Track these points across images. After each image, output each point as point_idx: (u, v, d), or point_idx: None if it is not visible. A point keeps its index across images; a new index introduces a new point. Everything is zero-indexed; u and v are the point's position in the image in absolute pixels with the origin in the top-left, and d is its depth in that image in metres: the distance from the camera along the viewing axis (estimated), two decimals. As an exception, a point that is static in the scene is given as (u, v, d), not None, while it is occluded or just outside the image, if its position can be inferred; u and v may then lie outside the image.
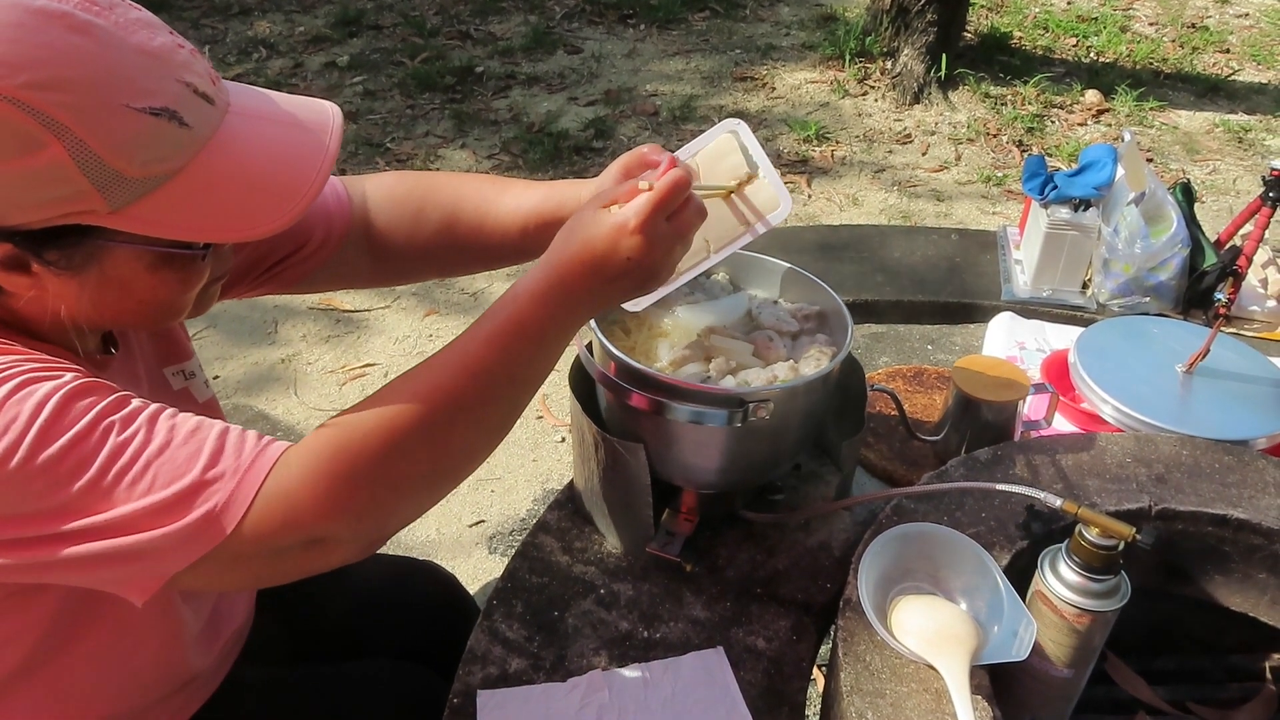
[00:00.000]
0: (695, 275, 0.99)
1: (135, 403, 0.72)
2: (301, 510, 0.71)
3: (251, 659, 1.10)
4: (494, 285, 3.15)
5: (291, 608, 1.20)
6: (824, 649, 1.06)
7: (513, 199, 1.05)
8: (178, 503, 0.68)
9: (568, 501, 1.20)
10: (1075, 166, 1.73)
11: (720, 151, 0.97)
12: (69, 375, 0.71)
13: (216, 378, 2.76)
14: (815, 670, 1.42)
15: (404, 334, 2.95)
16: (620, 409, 1.05)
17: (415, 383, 0.76)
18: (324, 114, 0.82)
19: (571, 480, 1.21)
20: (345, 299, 3.09)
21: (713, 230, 0.97)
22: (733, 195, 0.97)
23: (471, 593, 2.04)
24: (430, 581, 1.33)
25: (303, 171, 0.77)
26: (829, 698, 0.95)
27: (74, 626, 0.86)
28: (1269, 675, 1.04)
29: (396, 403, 0.75)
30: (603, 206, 0.80)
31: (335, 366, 2.82)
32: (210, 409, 1.01)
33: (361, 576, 1.22)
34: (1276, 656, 1.06)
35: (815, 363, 1.04)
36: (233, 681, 1.06)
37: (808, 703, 1.00)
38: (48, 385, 0.69)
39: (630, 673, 1.00)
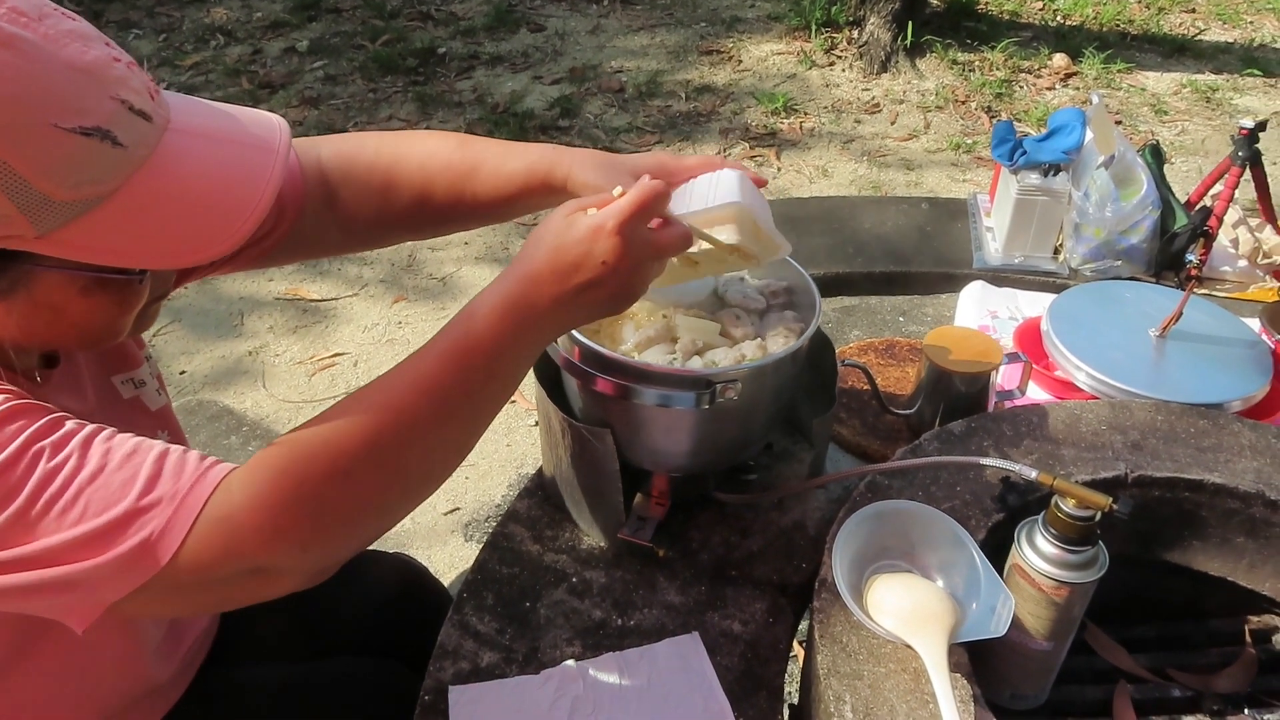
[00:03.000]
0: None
1: (69, 425, 0.68)
2: (242, 538, 0.67)
3: (216, 663, 1.07)
4: (462, 270, 3.10)
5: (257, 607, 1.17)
6: (804, 625, 1.05)
7: (490, 171, 0.97)
8: (110, 532, 0.64)
9: (537, 489, 1.18)
10: (1044, 131, 1.71)
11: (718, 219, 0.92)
12: None
13: (183, 373, 2.71)
14: (796, 645, 1.41)
15: (372, 321, 2.90)
16: (586, 394, 1.02)
17: (365, 401, 0.72)
18: (270, 130, 0.77)
19: (540, 468, 1.18)
20: (312, 288, 3.04)
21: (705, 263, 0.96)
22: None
23: (448, 582, 2.02)
24: (400, 574, 1.30)
25: (246, 193, 0.72)
26: (806, 680, 0.94)
27: (28, 640, 0.83)
28: (1248, 639, 1.04)
29: (344, 423, 0.70)
30: (574, 212, 0.76)
31: (304, 357, 2.78)
32: (163, 418, 0.97)
33: (329, 572, 1.20)
34: (1255, 620, 1.06)
35: (783, 340, 1.02)
36: (197, 688, 1.03)
37: (791, 678, 0.99)
38: None
39: (605, 662, 0.98)
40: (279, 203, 0.95)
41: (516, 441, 2.46)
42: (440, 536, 2.21)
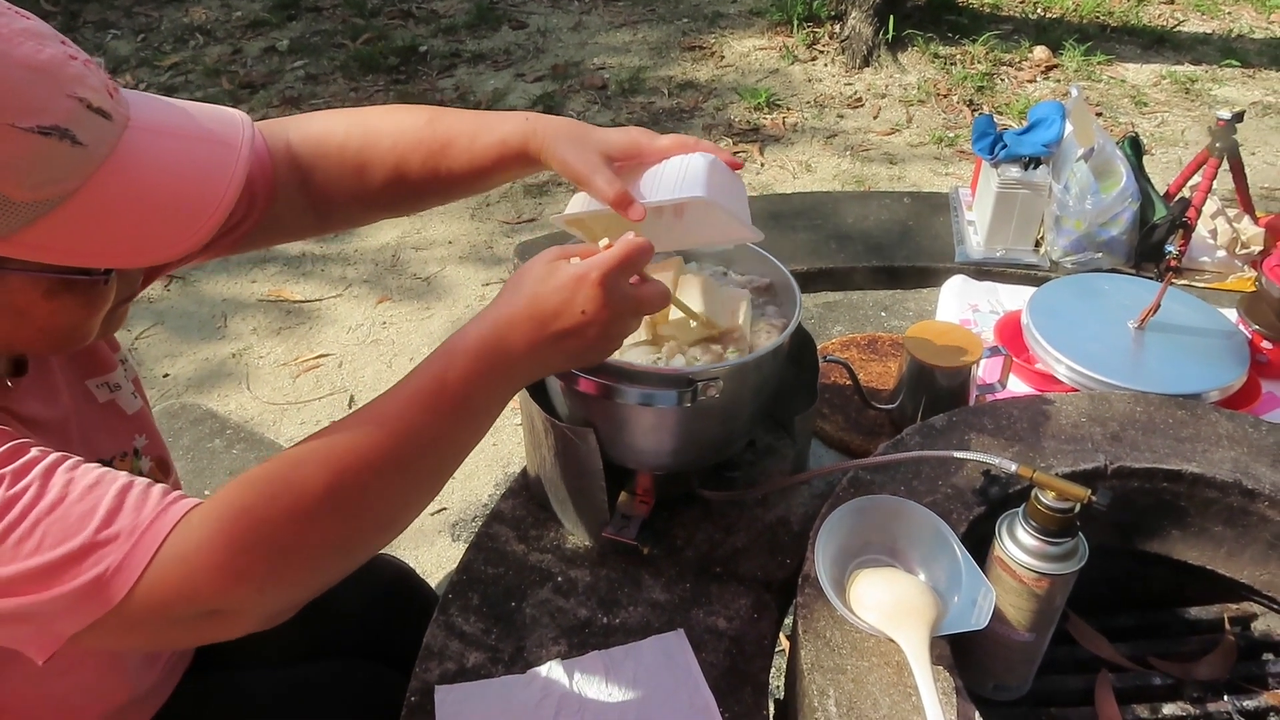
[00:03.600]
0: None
1: (32, 453, 0.67)
2: (198, 580, 0.65)
3: (202, 666, 1.07)
4: (446, 269, 3.10)
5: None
6: (789, 620, 1.05)
7: (464, 147, 0.95)
8: (66, 564, 0.63)
9: (522, 489, 1.18)
10: (1024, 125, 1.72)
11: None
12: None
13: (166, 376, 2.70)
14: (782, 639, 1.42)
15: (357, 322, 2.90)
16: (569, 394, 1.02)
17: (329, 442, 0.70)
18: (234, 125, 0.76)
19: (525, 468, 1.18)
20: (295, 289, 3.03)
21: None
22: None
23: (436, 582, 2.02)
24: (386, 575, 1.30)
25: (209, 189, 0.71)
26: (791, 675, 0.94)
27: (3, 650, 0.82)
28: (1228, 626, 1.05)
29: (307, 464, 0.69)
30: (560, 257, 0.76)
31: (288, 359, 2.77)
32: (139, 422, 0.96)
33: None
34: (1234, 607, 1.06)
35: (765, 337, 1.02)
36: (183, 691, 1.03)
37: (776, 672, 0.99)
38: None
39: (590, 661, 0.98)
40: (250, 190, 0.94)
41: (502, 441, 2.46)
42: (427, 537, 2.21)
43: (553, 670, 0.97)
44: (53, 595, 0.63)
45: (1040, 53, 4.34)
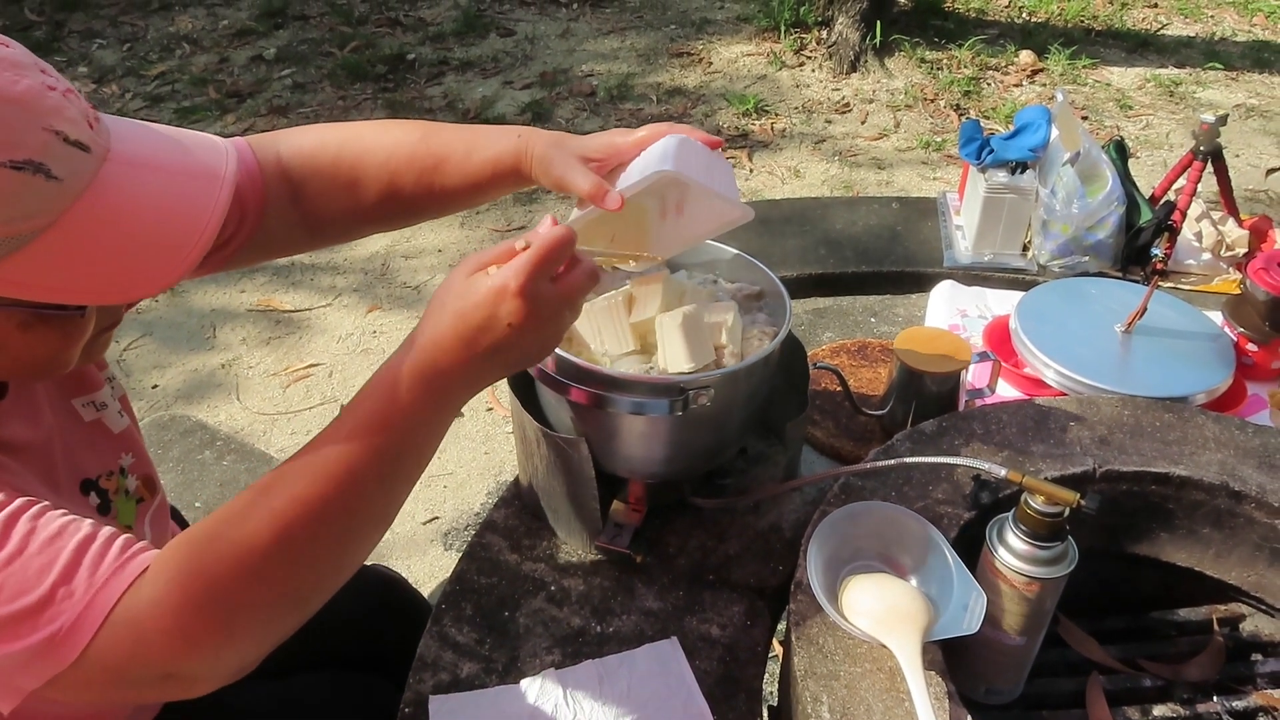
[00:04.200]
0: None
1: None
2: (150, 645, 0.64)
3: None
4: (436, 278, 3.09)
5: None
6: (782, 626, 1.05)
7: (456, 165, 0.95)
8: (22, 620, 0.62)
9: (514, 499, 1.18)
10: (1011, 129, 1.73)
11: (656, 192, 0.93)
12: None
13: (155, 387, 2.69)
14: (776, 645, 1.42)
15: (347, 332, 2.89)
16: (560, 403, 1.03)
17: (273, 494, 0.68)
18: (216, 155, 0.74)
19: (517, 477, 1.18)
20: (284, 299, 3.03)
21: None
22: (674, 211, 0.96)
23: (429, 591, 2.02)
24: (378, 586, 1.30)
25: (188, 225, 0.69)
26: (784, 681, 0.95)
27: None
28: (1216, 627, 1.06)
29: (253, 519, 0.67)
30: (478, 268, 0.73)
31: (278, 369, 2.76)
32: (126, 441, 0.94)
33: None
34: (1223, 609, 1.07)
35: (756, 344, 1.03)
36: (170, 708, 1.02)
37: (770, 678, 0.99)
38: None
39: (584, 670, 0.98)
40: (240, 206, 0.93)
41: (494, 449, 2.46)
42: (419, 546, 2.21)
43: (547, 680, 0.97)
44: (9, 650, 0.62)
45: (1026, 57, 4.37)
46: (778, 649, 1.52)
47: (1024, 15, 4.87)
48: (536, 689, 0.96)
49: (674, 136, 0.91)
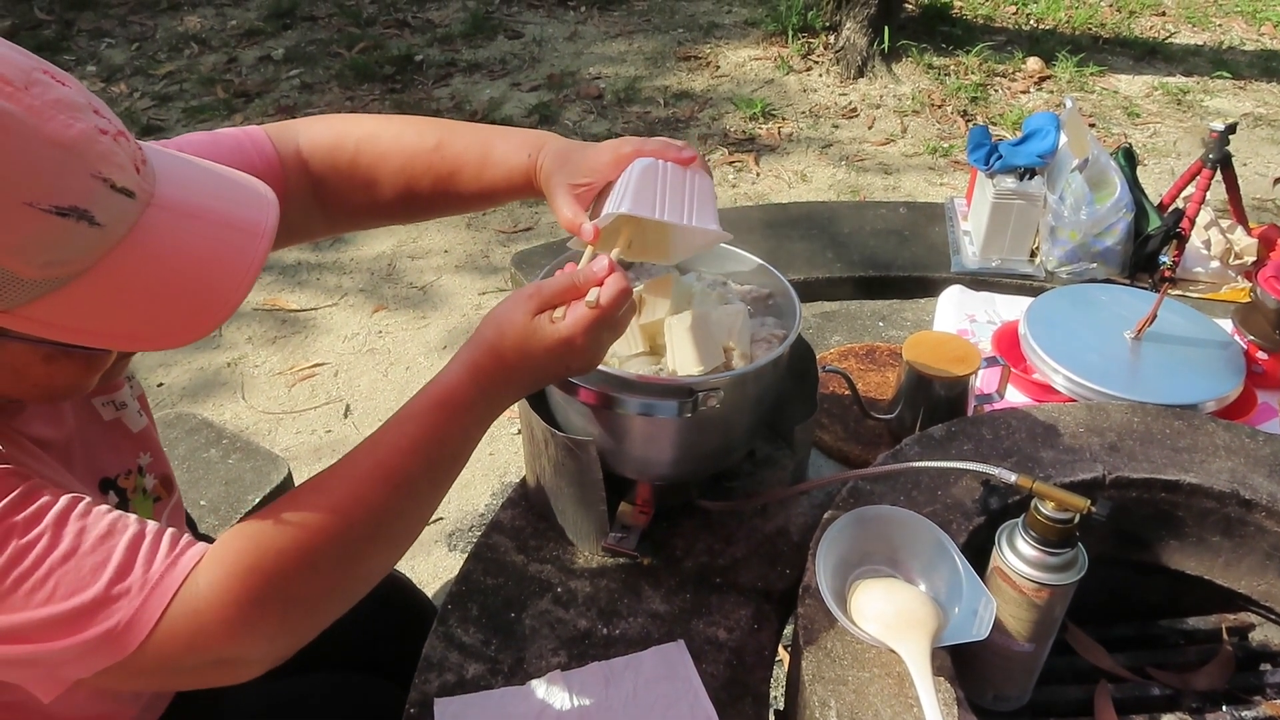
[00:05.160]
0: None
1: (44, 499, 0.67)
2: (209, 634, 0.67)
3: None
4: (443, 279, 3.10)
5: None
6: (789, 630, 1.05)
7: (471, 176, 0.97)
8: (79, 616, 0.64)
9: (521, 499, 1.18)
10: (1019, 135, 1.73)
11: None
12: None
13: (161, 385, 2.69)
14: (781, 650, 1.42)
15: (353, 331, 2.89)
16: (568, 404, 1.02)
17: (333, 493, 0.72)
18: (259, 208, 0.74)
19: (524, 478, 1.18)
20: (290, 298, 3.03)
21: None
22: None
23: (433, 591, 2.02)
24: (383, 586, 1.28)
25: (223, 281, 0.69)
26: (792, 685, 0.94)
27: None
28: (1225, 637, 1.05)
29: (313, 516, 0.71)
30: (538, 310, 0.78)
31: (283, 368, 2.76)
32: (145, 440, 0.95)
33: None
34: (1232, 618, 1.07)
35: (765, 347, 1.02)
36: (174, 709, 1.02)
37: (776, 682, 0.99)
38: None
39: (590, 672, 0.98)
40: None
41: (500, 450, 2.46)
42: (424, 546, 2.20)
43: (553, 681, 0.97)
44: (65, 644, 0.64)
45: (1033, 64, 4.37)
46: (784, 653, 1.52)
47: (1032, 22, 4.87)
48: (542, 691, 0.96)
49: (639, 163, 0.87)
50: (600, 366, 0.95)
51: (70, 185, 0.62)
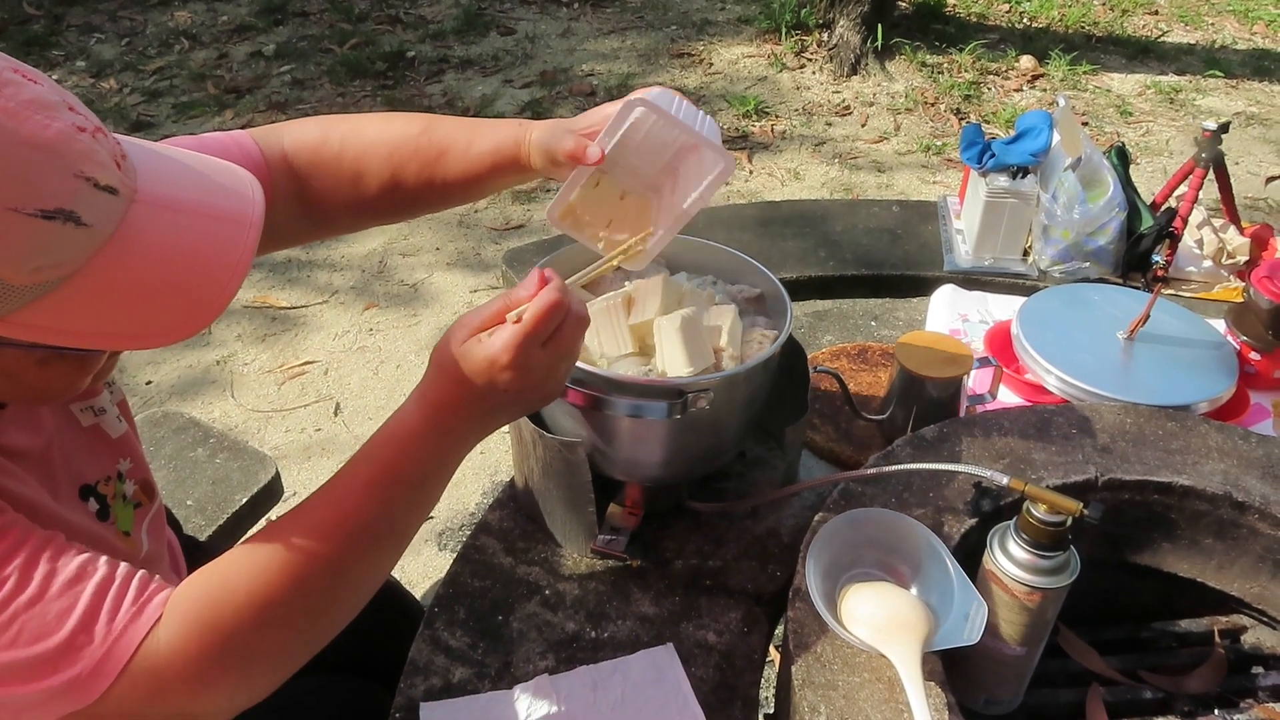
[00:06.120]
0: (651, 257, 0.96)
1: (14, 536, 0.67)
2: (169, 690, 0.67)
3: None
4: (434, 276, 3.08)
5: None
6: (780, 631, 1.04)
7: (458, 155, 0.97)
8: (40, 664, 0.64)
9: (509, 501, 1.17)
10: (1012, 134, 1.72)
11: (641, 147, 0.93)
12: None
13: (149, 383, 2.67)
14: (773, 651, 1.41)
15: (343, 329, 2.88)
16: (557, 405, 1.01)
17: (288, 546, 0.71)
18: (244, 198, 0.73)
19: (512, 479, 1.17)
20: (281, 295, 3.01)
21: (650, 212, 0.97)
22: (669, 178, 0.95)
23: (422, 592, 2.00)
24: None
25: (214, 274, 0.67)
26: (782, 690, 0.93)
27: None
28: (1217, 639, 1.05)
29: (269, 569, 0.70)
30: (471, 334, 0.75)
31: (273, 366, 2.74)
32: (124, 446, 0.93)
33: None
34: (1224, 620, 1.06)
35: (756, 347, 1.01)
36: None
37: (766, 685, 0.98)
38: None
39: (578, 676, 0.97)
40: None
41: (490, 449, 2.44)
42: (414, 547, 2.19)
43: (539, 686, 0.95)
44: (26, 691, 0.65)
45: (1026, 62, 4.37)
46: (774, 656, 1.51)
47: (1025, 20, 4.87)
48: (529, 695, 0.95)
49: (654, 89, 0.92)
50: (589, 367, 0.94)
51: (53, 187, 0.61)
